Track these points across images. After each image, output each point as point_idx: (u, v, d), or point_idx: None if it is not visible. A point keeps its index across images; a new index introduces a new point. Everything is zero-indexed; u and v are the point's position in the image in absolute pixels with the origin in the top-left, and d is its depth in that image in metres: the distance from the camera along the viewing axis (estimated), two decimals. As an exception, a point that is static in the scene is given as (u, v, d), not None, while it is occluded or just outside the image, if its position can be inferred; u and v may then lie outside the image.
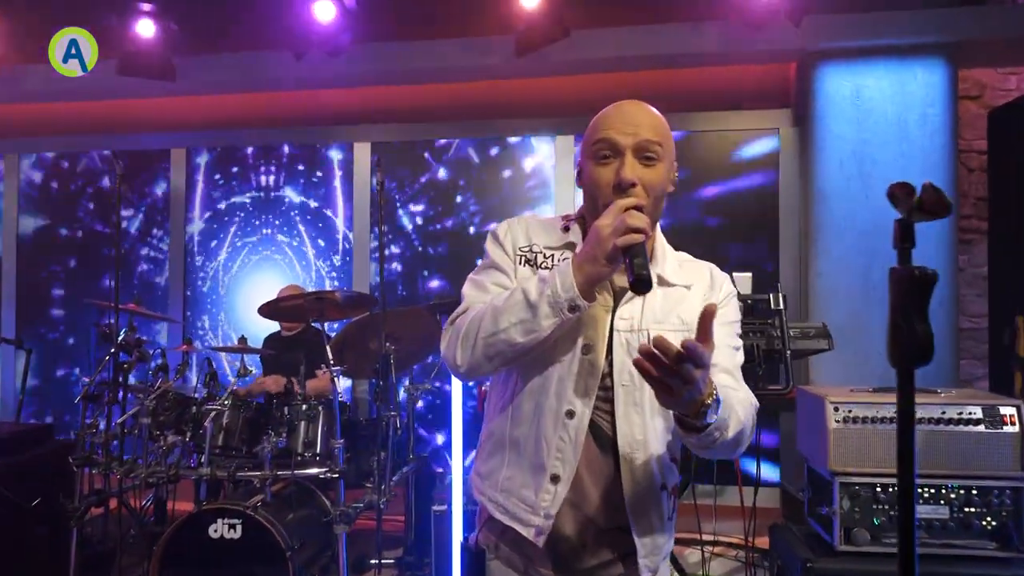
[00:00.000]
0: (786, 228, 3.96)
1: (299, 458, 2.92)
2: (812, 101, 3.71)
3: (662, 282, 1.35)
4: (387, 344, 3.07)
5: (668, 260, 1.40)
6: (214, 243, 4.61)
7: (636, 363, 1.08)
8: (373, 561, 3.19)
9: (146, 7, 3.94)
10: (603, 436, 1.31)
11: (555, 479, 1.29)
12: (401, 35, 3.98)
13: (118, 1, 3.97)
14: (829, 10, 3.51)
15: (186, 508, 2.84)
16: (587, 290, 1.22)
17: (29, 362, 3.92)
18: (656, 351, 1.06)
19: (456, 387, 2.89)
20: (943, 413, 2.12)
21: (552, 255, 1.37)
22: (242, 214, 4.57)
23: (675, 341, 1.30)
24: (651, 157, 1.28)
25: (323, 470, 2.82)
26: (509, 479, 1.34)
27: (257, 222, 4.55)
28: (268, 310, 3.12)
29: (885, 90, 3.60)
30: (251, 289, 4.51)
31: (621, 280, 1.33)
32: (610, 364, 1.30)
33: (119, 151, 4.56)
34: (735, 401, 1.25)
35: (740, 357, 1.38)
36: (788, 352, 2.66)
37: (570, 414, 1.29)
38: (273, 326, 3.91)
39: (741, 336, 1.42)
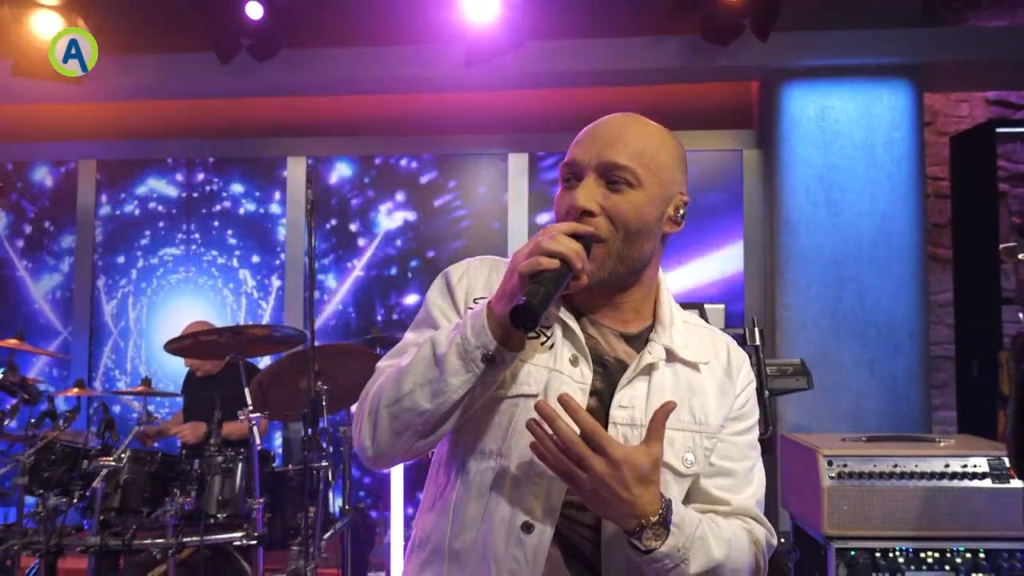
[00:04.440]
0: (750, 255, 3.76)
1: (212, 520, 2.50)
2: (776, 122, 3.55)
3: (672, 357, 1.04)
4: (318, 383, 2.69)
5: (676, 325, 1.07)
6: (127, 266, 4.12)
7: (530, 424, 0.91)
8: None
9: (47, 1, 3.49)
10: (579, 558, 0.99)
11: None
12: (338, 41, 3.64)
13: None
14: (795, 27, 3.36)
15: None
16: (506, 339, 0.92)
17: None
18: (538, 420, 0.89)
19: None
20: (946, 466, 1.90)
21: None
22: (163, 234, 4.11)
23: (684, 443, 1.02)
24: (616, 182, 0.98)
25: (239, 535, 2.41)
26: None
27: (181, 243, 4.09)
28: (177, 347, 2.70)
29: (851, 112, 3.47)
30: (172, 320, 4.03)
31: (615, 351, 1.03)
32: None
33: (16, 161, 4.06)
34: (711, 532, 0.96)
35: (757, 482, 1.08)
36: (767, 392, 2.41)
37: (527, 528, 0.97)
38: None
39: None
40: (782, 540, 2.67)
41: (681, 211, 1.04)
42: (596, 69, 3.53)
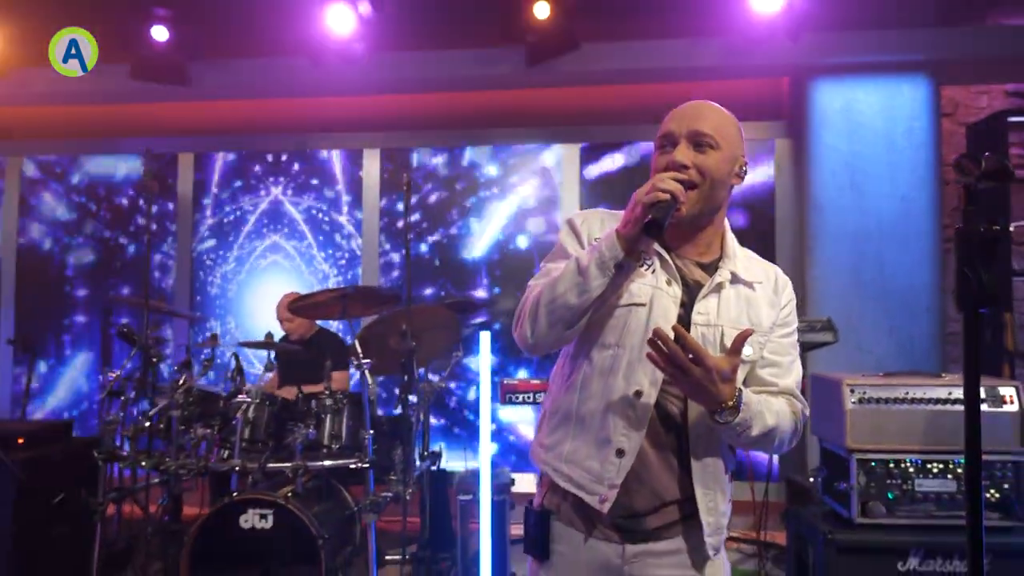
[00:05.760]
0: (782, 233, 4.16)
1: (325, 450, 2.98)
2: (806, 114, 3.94)
3: (735, 279, 1.45)
4: (411, 340, 3.15)
5: (739, 256, 1.48)
6: (222, 248, 4.64)
7: (650, 342, 1.26)
8: (389, 556, 3.23)
9: (160, 12, 4.00)
10: (671, 419, 1.41)
11: (620, 453, 1.38)
12: (415, 45, 4.11)
13: (131, 5, 4.02)
14: (822, 28, 3.75)
15: (196, 511, 2.86)
16: (630, 251, 1.33)
17: (34, 363, 3.91)
18: (656, 339, 1.24)
19: (485, 384, 2.98)
20: (949, 394, 2.30)
21: None
22: (251, 219, 4.62)
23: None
24: (701, 144, 1.39)
25: (352, 460, 2.89)
26: (574, 451, 1.43)
27: (266, 227, 4.61)
28: (297, 306, 3.19)
29: (874, 105, 3.84)
30: (259, 294, 4.55)
31: (694, 275, 1.45)
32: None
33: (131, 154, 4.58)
34: (766, 408, 1.37)
35: (796, 371, 1.48)
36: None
37: (638, 395, 1.39)
38: (279, 332, 3.98)
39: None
40: (812, 479, 3.07)
41: (744, 168, 1.47)
42: (646, 68, 3.94)
